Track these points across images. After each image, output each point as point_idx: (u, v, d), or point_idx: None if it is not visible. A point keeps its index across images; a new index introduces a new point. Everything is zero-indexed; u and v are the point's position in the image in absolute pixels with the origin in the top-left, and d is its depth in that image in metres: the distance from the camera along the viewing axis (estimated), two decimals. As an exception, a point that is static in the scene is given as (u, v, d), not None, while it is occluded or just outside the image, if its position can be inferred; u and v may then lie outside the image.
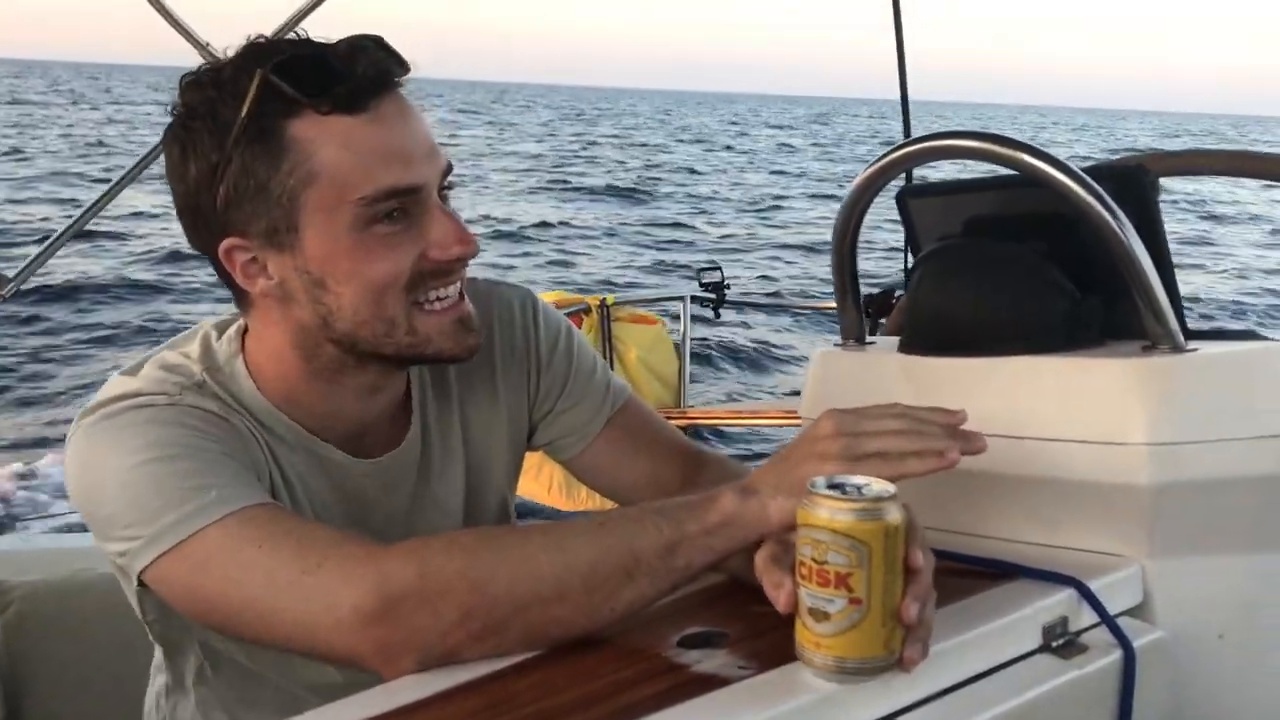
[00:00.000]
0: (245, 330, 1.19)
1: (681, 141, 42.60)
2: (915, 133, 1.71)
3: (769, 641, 0.92)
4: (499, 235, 16.40)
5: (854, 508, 0.84)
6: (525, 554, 0.96)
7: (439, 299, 1.12)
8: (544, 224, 17.92)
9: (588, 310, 4.35)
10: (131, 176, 2.57)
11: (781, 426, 5.01)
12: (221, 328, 1.20)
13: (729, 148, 40.28)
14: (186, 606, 1.06)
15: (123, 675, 1.48)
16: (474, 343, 1.16)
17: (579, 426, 1.34)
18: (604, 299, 4.43)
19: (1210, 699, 1.12)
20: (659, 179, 26.51)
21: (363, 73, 1.06)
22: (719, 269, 5.08)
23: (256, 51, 1.07)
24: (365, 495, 1.22)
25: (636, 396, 1.39)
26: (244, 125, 1.03)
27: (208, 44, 2.52)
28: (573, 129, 48.98)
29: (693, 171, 29.14)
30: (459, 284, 1.15)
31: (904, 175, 2.17)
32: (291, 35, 1.11)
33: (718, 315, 5.16)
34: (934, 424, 0.98)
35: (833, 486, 0.86)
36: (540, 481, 3.79)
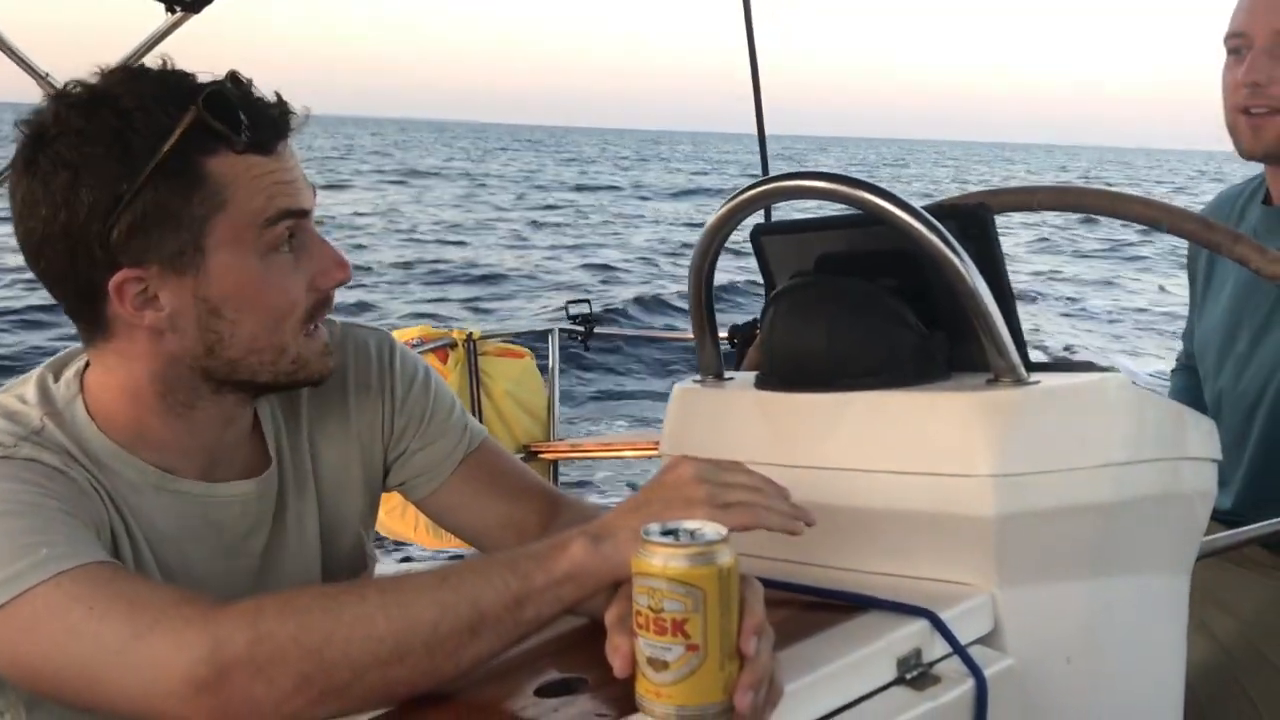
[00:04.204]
0: (84, 370, 1.15)
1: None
2: (774, 169, 1.74)
3: (628, 687, 0.91)
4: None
5: (687, 553, 0.83)
6: (362, 615, 0.93)
7: (316, 327, 1.16)
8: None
9: (453, 344, 4.29)
10: None
11: (652, 458, 5.02)
12: (57, 369, 1.17)
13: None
14: (10, 671, 1.00)
15: None
16: (335, 364, 1.19)
17: (432, 466, 1.33)
18: (470, 333, 4.37)
19: None
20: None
21: (277, 118, 1.10)
22: (588, 301, 5.08)
23: (165, 83, 1.07)
24: (226, 526, 1.19)
25: (494, 440, 1.38)
26: (165, 158, 1.03)
27: (47, 74, 2.42)
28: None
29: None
30: None
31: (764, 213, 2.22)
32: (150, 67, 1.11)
33: (587, 348, 5.15)
34: (775, 488, 1.02)
35: (666, 533, 0.86)
36: (406, 520, 3.71)
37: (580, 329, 4.96)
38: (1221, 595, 1.81)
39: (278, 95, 1.11)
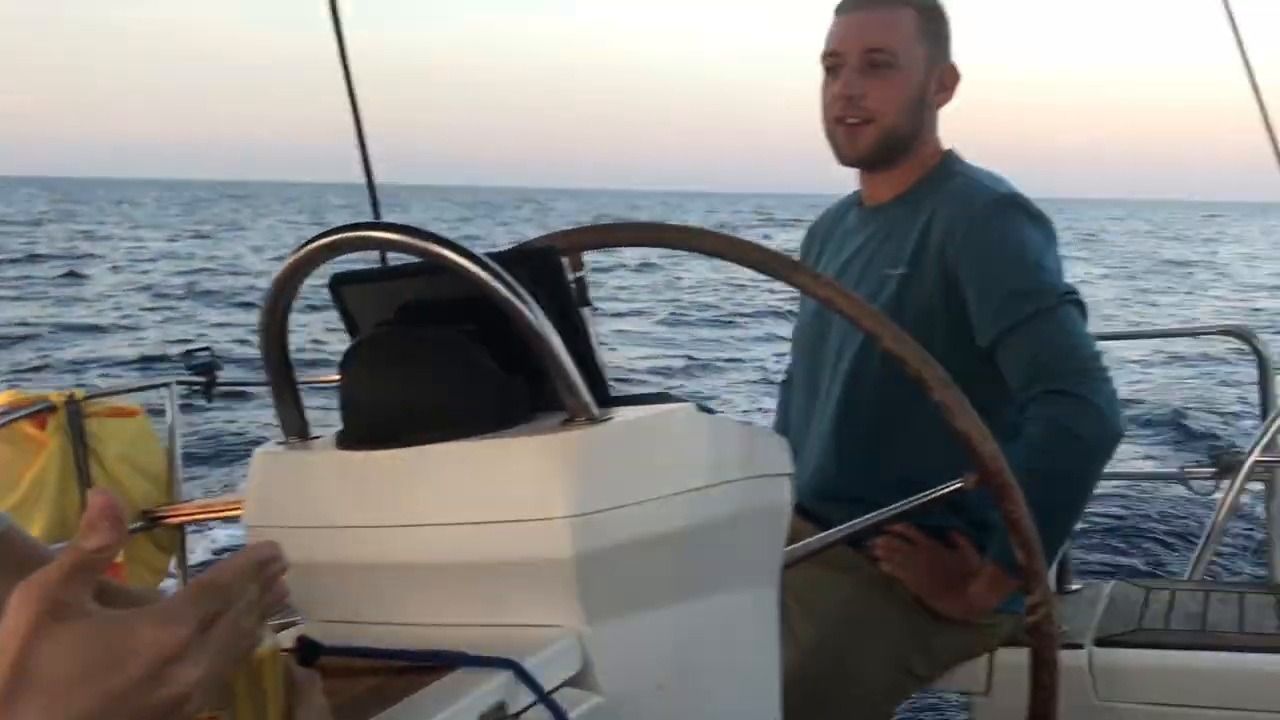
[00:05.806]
0: None
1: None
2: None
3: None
4: None
5: None
6: None
7: None
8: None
9: (53, 408, 3.90)
10: None
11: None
12: None
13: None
14: None
15: None
16: None
17: None
18: (72, 393, 4.00)
19: None
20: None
21: None
22: (209, 349, 4.79)
23: None
24: None
25: (16, 523, 1.24)
26: None
27: None
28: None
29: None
30: None
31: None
32: None
33: (210, 399, 4.85)
34: None
35: None
36: None
37: (202, 379, 4.67)
38: (808, 598, 1.94)
39: None
